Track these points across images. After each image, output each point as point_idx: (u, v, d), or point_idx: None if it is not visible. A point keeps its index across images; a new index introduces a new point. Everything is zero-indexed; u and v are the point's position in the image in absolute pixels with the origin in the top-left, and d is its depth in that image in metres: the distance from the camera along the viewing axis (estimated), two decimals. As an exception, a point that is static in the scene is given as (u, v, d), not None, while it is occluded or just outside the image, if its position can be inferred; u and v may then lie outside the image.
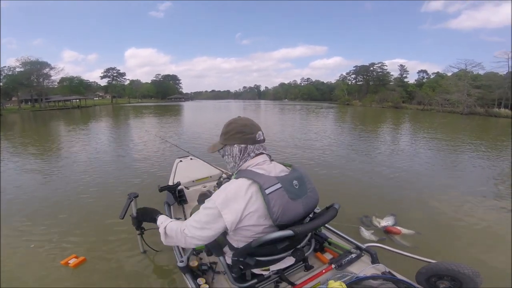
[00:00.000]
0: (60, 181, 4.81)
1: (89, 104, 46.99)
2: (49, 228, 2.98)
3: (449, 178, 5.18)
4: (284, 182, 1.06)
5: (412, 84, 52.56)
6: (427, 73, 56.54)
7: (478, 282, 1.13)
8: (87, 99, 48.67)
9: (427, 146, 8.71)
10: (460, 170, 5.89)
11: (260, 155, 1.19)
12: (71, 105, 42.38)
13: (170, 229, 1.21)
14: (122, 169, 5.57)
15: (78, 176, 5.01)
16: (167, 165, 5.45)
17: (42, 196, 4.04)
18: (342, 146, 8.52)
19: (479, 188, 4.45)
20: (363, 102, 50.18)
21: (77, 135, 11.16)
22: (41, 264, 2.35)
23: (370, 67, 59.50)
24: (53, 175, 5.19)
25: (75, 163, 6.13)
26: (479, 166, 6.10)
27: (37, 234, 2.86)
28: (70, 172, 5.35)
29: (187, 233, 1.13)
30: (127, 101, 64.98)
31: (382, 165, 5.98)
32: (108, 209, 3.47)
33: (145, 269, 2.28)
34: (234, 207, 1.03)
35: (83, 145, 8.44)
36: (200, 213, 1.11)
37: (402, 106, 42.62)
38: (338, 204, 1.24)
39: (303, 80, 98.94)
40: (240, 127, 1.18)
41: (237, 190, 1.05)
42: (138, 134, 11.53)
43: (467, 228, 3.08)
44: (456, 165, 6.43)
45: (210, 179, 2.92)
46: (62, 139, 10.35)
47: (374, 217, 3.14)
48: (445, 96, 35.11)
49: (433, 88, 40.85)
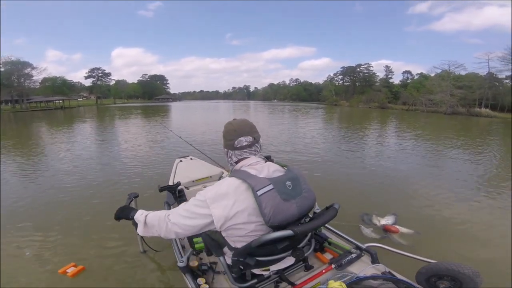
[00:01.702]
0: (53, 183, 4.66)
1: (73, 105, 45.49)
2: (45, 233, 2.88)
3: (446, 178, 5.29)
4: (276, 183, 1.06)
5: (397, 85, 53.88)
6: (411, 73, 58.08)
7: (478, 282, 1.13)
8: (71, 100, 47.17)
9: (416, 147, 8.93)
10: (454, 170, 6.02)
11: (247, 158, 1.20)
12: (54, 106, 40.99)
13: (151, 218, 1.22)
14: (122, 169, 5.51)
15: (78, 176, 4.95)
16: (167, 165, 5.44)
17: (33, 200, 3.90)
18: (342, 145, 8.67)
19: (472, 187, 4.62)
20: (350, 102, 50.99)
21: (61, 136, 10.80)
22: (38, 274, 2.25)
23: (356, 68, 60.58)
24: (45, 177, 5.06)
25: (71, 165, 5.94)
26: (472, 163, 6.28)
27: (32, 241, 2.74)
28: (65, 175, 5.17)
29: (171, 219, 1.14)
30: (113, 101, 63.46)
31: (380, 165, 6.11)
32: (107, 209, 3.43)
33: (145, 269, 2.29)
34: (223, 203, 1.05)
35: (77, 146, 8.18)
36: (190, 203, 1.13)
37: (388, 106, 43.63)
38: (338, 204, 1.23)
39: (292, 81, 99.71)
40: (226, 132, 1.24)
41: (227, 187, 1.07)
42: (135, 134, 11.38)
43: (465, 227, 3.15)
44: (444, 166, 6.60)
45: (210, 179, 2.93)
46: (45, 140, 9.98)
47: (374, 215, 3.19)
48: (429, 97, 36.21)
49: (417, 89, 41.99)
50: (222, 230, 1.10)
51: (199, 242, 1.67)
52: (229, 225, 1.07)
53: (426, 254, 1.40)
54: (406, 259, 1.43)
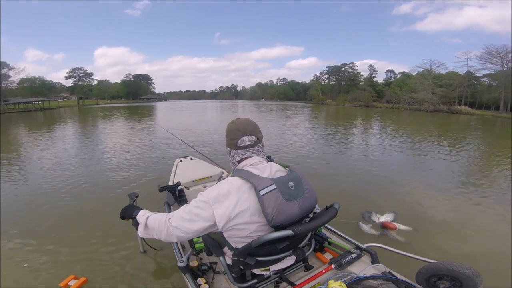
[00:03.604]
0: (42, 188, 4.45)
1: (53, 106, 43.74)
2: (41, 240, 2.73)
3: (433, 176, 5.39)
4: (279, 183, 1.06)
5: (380, 84, 55.18)
6: (394, 72, 59.62)
7: (478, 282, 1.13)
8: (51, 101, 45.42)
9: (397, 146, 9.11)
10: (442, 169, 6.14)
11: (250, 157, 1.19)
12: (33, 107, 39.24)
13: (152, 220, 1.21)
14: (122, 170, 5.45)
15: (75, 178, 4.83)
16: (167, 165, 5.42)
17: (27, 204, 3.72)
18: (337, 144, 8.69)
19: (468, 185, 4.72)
20: (336, 101, 51.84)
21: (43, 138, 10.33)
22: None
23: (341, 68, 61.57)
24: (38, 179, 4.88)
25: (68, 169, 5.70)
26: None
27: (29, 251, 2.58)
28: (61, 178, 4.96)
29: (172, 222, 1.12)
30: (95, 102, 61.42)
31: (375, 163, 6.21)
32: (107, 209, 3.42)
33: (145, 269, 2.29)
34: (226, 204, 1.04)
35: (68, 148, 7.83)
36: (191, 205, 1.11)
37: (372, 105, 44.66)
38: (338, 204, 1.24)
39: (279, 80, 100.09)
40: (229, 131, 1.23)
41: (229, 187, 1.07)
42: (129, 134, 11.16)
43: (462, 224, 3.21)
44: (428, 163, 6.77)
45: (210, 179, 2.94)
46: (29, 142, 9.52)
47: (374, 212, 3.26)
48: (411, 95, 37.32)
49: (400, 87, 43.19)
50: (224, 230, 1.09)
51: (199, 242, 1.67)
52: (231, 225, 1.06)
53: (424, 251, 1.40)
54: (406, 259, 1.44)
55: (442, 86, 35.82)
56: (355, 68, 60.14)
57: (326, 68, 67.87)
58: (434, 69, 38.86)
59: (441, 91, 35.06)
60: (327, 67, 66.38)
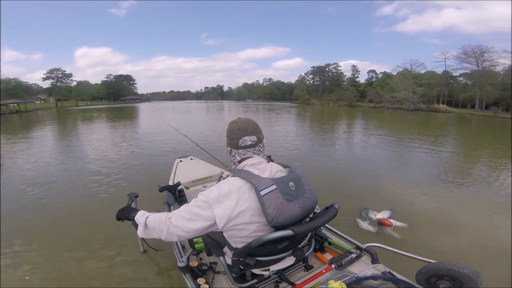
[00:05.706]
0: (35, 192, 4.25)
1: (30, 108, 41.81)
2: (40, 250, 2.59)
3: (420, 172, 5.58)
4: (279, 183, 1.06)
5: (363, 84, 56.40)
6: (376, 72, 61.00)
7: (478, 282, 1.14)
8: (27, 103, 43.35)
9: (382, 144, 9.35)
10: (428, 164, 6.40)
11: (251, 157, 1.19)
12: (8, 110, 37.28)
13: (152, 219, 1.20)
14: (121, 170, 5.37)
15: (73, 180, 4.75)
16: (167, 165, 5.36)
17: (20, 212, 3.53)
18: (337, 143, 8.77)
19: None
20: (321, 101, 52.52)
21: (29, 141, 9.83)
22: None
23: (325, 68, 62.38)
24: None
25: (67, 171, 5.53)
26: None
27: (29, 262, 2.42)
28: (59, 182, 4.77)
29: (173, 221, 1.12)
30: (75, 104, 59.06)
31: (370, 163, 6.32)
32: (107, 209, 3.30)
33: (145, 269, 2.30)
34: (226, 204, 1.04)
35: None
36: (191, 204, 1.11)
37: (356, 104, 45.64)
38: (338, 204, 1.23)
39: (265, 80, 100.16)
40: (230, 130, 1.23)
41: (230, 188, 1.07)
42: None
43: (459, 222, 3.28)
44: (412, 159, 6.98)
45: (210, 179, 2.95)
46: None
47: (371, 210, 3.31)
48: (392, 94, 38.44)
49: (382, 87, 44.37)
50: (224, 230, 1.10)
51: (199, 242, 1.65)
52: (231, 225, 1.06)
53: (420, 247, 1.42)
54: (406, 259, 1.44)
55: (422, 86, 37.16)
56: (338, 68, 61.17)
57: (310, 68, 68.50)
58: (414, 69, 40.26)
59: (420, 90, 36.35)
60: (312, 67, 67.08)
